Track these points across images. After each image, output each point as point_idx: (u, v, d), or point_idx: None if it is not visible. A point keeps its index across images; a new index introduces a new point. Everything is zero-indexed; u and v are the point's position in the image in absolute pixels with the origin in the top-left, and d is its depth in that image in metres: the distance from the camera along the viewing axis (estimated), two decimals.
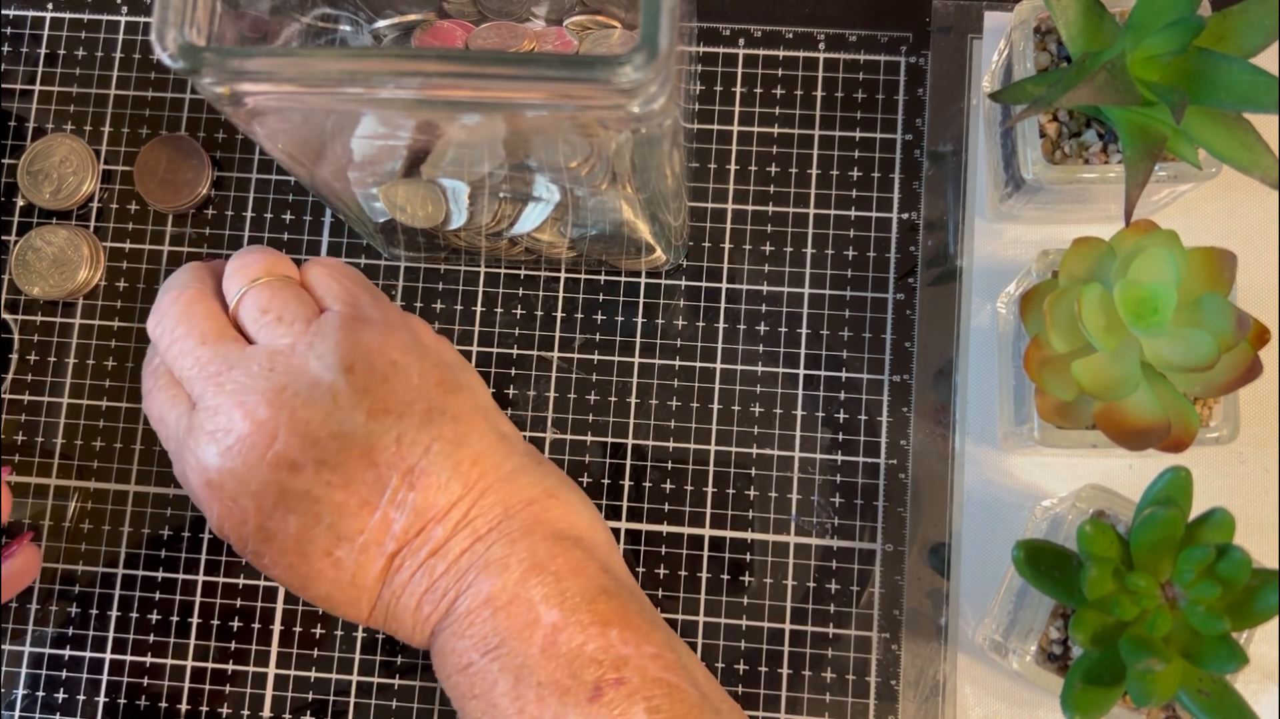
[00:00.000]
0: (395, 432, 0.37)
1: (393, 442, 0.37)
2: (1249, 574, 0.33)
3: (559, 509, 0.39)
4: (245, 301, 0.39)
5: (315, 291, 0.40)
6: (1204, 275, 0.36)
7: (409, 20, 0.43)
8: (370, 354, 0.37)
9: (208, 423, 0.37)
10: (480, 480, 0.38)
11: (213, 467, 0.36)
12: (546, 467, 0.40)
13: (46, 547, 0.46)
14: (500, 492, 0.38)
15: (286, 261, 0.41)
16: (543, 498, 0.39)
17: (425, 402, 0.38)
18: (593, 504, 0.40)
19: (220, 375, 0.37)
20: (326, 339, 0.37)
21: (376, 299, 0.40)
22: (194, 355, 0.38)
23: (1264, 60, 0.35)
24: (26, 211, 0.48)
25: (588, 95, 0.28)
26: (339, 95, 0.29)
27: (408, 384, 0.38)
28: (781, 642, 0.43)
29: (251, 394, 0.36)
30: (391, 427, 0.37)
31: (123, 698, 0.44)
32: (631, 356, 0.46)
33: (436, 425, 0.38)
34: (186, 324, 0.38)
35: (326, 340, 0.37)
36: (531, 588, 0.36)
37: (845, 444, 0.45)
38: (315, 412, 0.36)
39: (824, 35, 0.47)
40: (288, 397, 0.36)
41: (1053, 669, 0.38)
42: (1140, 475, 0.37)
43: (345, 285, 0.40)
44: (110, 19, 0.49)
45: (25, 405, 0.47)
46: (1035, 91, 0.38)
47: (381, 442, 0.37)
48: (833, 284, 0.46)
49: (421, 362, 0.38)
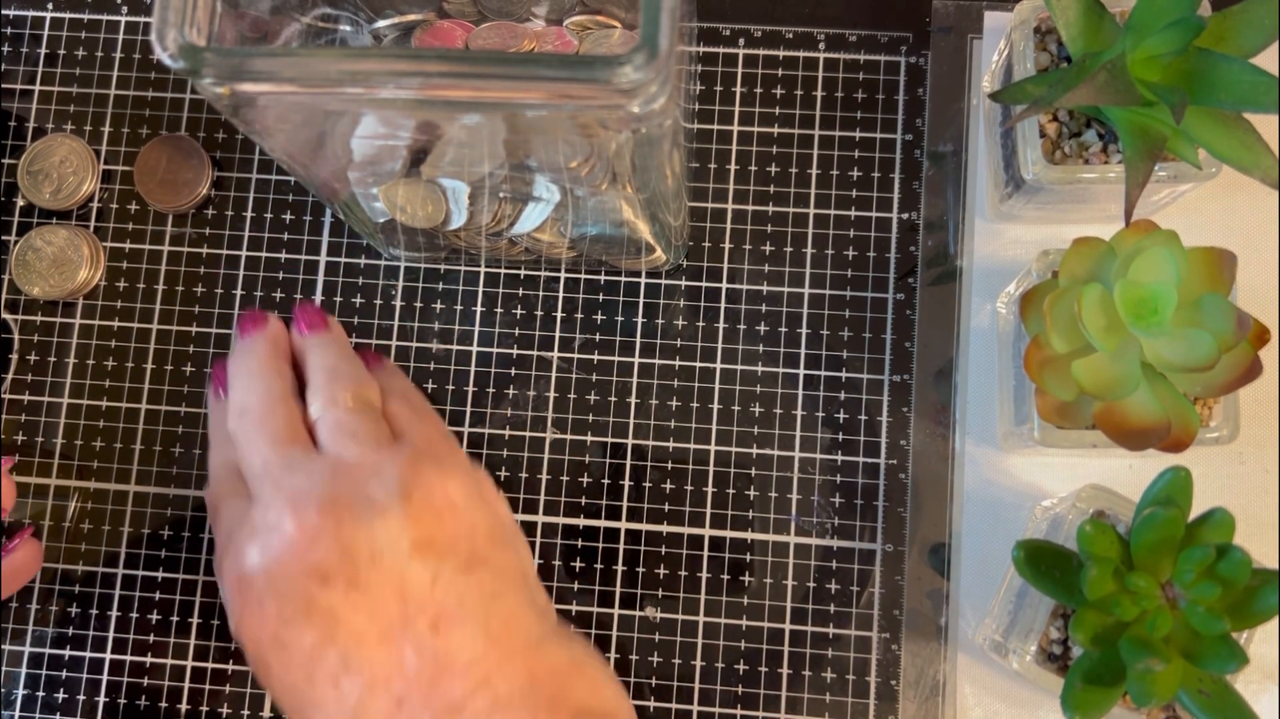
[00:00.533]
0: (434, 571, 0.36)
1: (429, 580, 0.36)
2: (1249, 574, 0.33)
3: (585, 685, 0.37)
4: (327, 419, 0.39)
5: (394, 423, 0.40)
6: (1204, 275, 0.36)
7: (409, 20, 0.43)
8: (431, 489, 0.37)
9: (258, 518, 0.36)
10: (509, 642, 0.36)
11: (250, 563, 0.36)
12: (576, 640, 0.39)
13: (46, 547, 0.46)
14: (527, 658, 0.36)
15: (370, 382, 0.40)
16: (570, 670, 0.37)
17: (471, 549, 0.37)
18: (618, 680, 0.39)
19: (282, 478, 0.37)
20: (393, 465, 0.37)
21: (449, 442, 0.40)
22: (263, 456, 0.38)
23: (1264, 60, 0.35)
24: (26, 211, 0.48)
25: (588, 95, 0.28)
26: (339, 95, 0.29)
27: (458, 527, 0.37)
28: (781, 642, 0.43)
29: (306, 498, 0.36)
30: (432, 565, 0.36)
31: (123, 698, 0.44)
32: (631, 356, 0.46)
33: (476, 576, 0.36)
34: (261, 425, 0.38)
35: (393, 466, 0.37)
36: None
37: (845, 444, 0.45)
38: (362, 529, 0.35)
39: (824, 35, 0.47)
40: (340, 508, 0.36)
41: (1053, 669, 0.38)
42: (1140, 475, 0.37)
43: (425, 424, 0.40)
44: (110, 19, 0.49)
45: (25, 405, 0.47)
46: (1035, 91, 0.38)
47: (418, 577, 0.36)
48: (833, 284, 0.46)
49: (478, 511, 0.38)
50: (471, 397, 0.46)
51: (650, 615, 0.44)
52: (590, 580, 0.44)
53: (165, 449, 0.46)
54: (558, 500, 0.45)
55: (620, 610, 0.44)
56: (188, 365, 0.47)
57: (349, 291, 0.47)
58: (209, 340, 0.47)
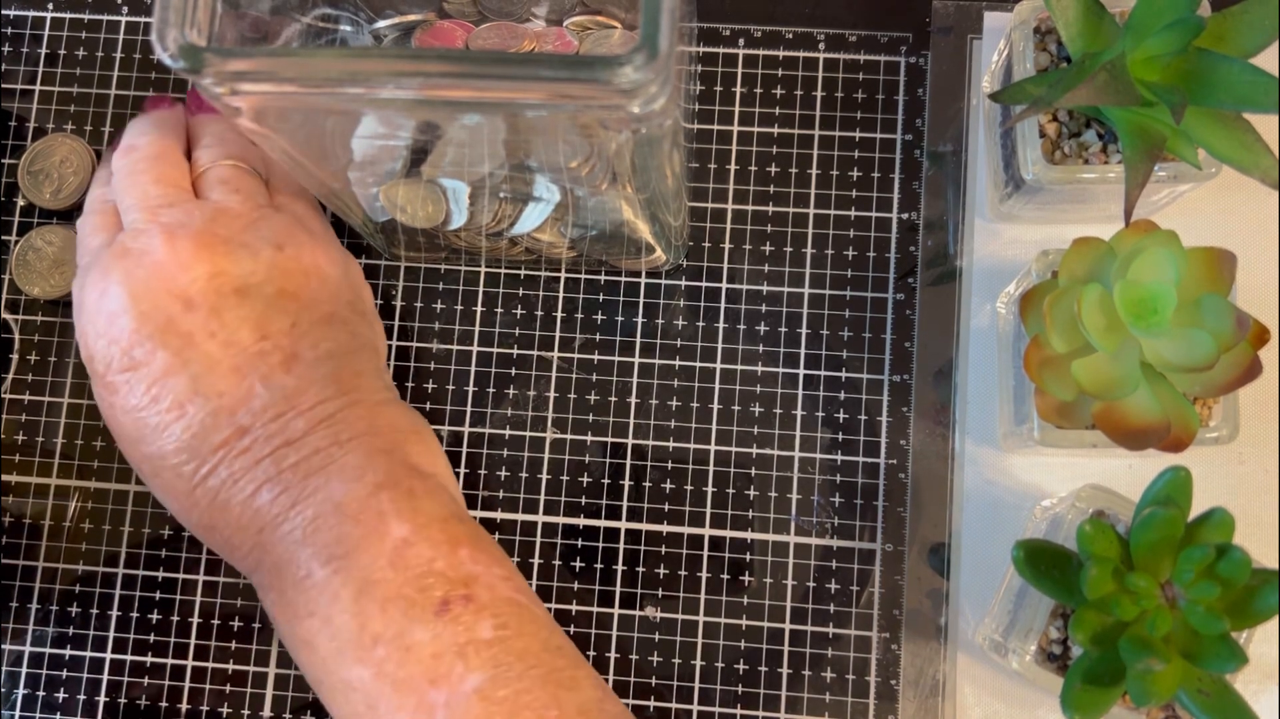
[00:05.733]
0: (294, 317, 0.37)
1: (289, 324, 0.37)
2: (1249, 574, 0.33)
3: (421, 447, 0.39)
4: (212, 172, 0.40)
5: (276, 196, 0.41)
6: (1204, 275, 0.36)
7: (409, 20, 0.43)
8: (302, 249, 0.39)
9: (129, 243, 0.37)
10: (356, 392, 0.38)
11: (113, 279, 0.37)
12: (418, 414, 0.41)
13: (46, 546, 0.46)
14: (371, 410, 0.38)
15: (259, 154, 0.42)
16: (409, 432, 0.39)
17: (333, 310, 0.39)
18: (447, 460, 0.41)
19: (160, 209, 0.38)
20: (272, 221, 0.39)
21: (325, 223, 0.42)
22: (143, 190, 0.39)
23: (1264, 60, 0.35)
24: (26, 211, 0.48)
25: (588, 95, 0.28)
26: (339, 95, 0.29)
27: (324, 286, 0.39)
28: (781, 642, 0.43)
29: (183, 230, 0.37)
30: (294, 311, 0.37)
31: (123, 698, 0.44)
32: (631, 356, 0.46)
33: (335, 330, 0.38)
34: (148, 164, 0.39)
35: (271, 221, 0.39)
36: (384, 501, 0.36)
37: (845, 444, 0.45)
38: (234, 264, 0.37)
39: (824, 35, 0.47)
40: (216, 243, 0.37)
41: (1052, 669, 0.38)
42: (1140, 475, 0.37)
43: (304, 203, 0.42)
44: (110, 19, 0.49)
45: (25, 405, 0.47)
46: (1035, 92, 0.38)
47: (278, 319, 0.37)
48: (833, 284, 0.46)
49: (343, 281, 0.40)
50: (471, 396, 0.46)
51: (650, 615, 0.44)
52: (590, 580, 0.44)
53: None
54: (558, 500, 0.45)
55: (620, 610, 0.44)
56: None
57: None
58: None
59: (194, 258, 0.37)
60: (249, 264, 0.37)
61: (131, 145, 0.40)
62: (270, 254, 0.38)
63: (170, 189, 0.39)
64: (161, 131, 0.41)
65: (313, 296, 0.38)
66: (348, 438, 0.37)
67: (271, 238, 0.38)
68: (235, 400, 0.36)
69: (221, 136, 0.41)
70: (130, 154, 0.40)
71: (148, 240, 0.37)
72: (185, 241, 0.37)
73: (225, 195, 0.39)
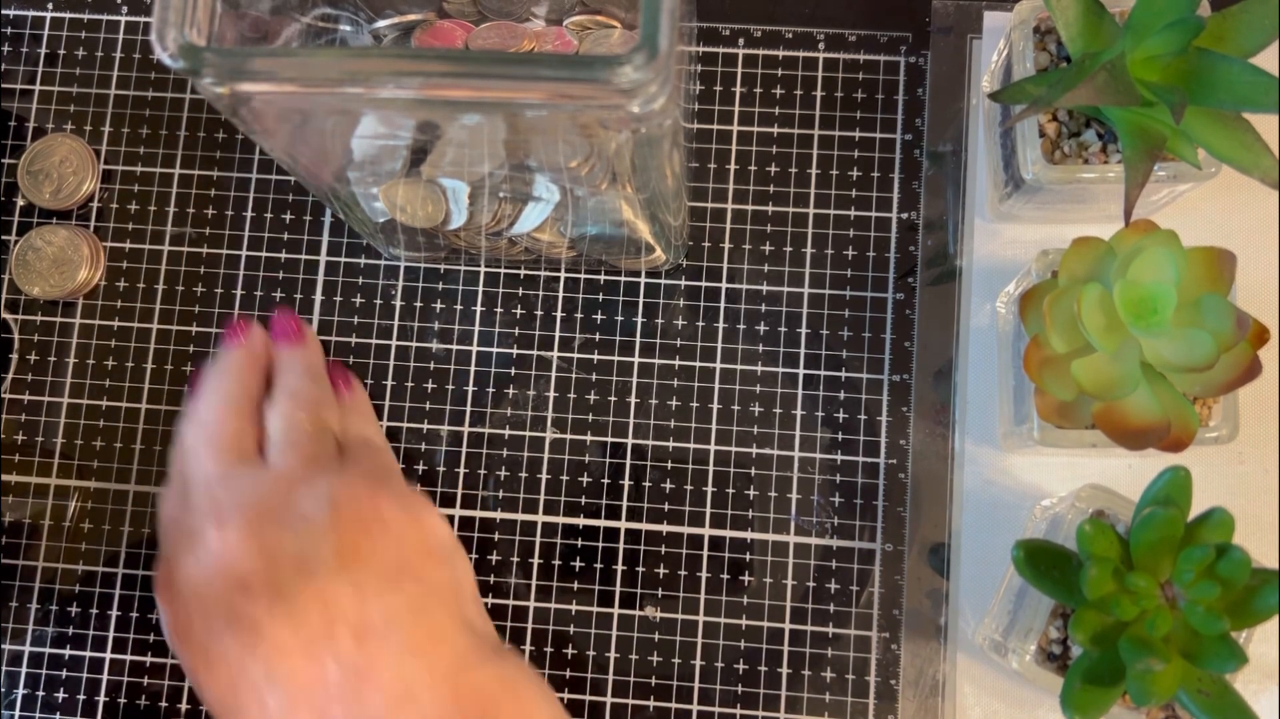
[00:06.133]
0: (358, 583, 0.35)
1: (353, 592, 0.35)
2: (1249, 574, 0.33)
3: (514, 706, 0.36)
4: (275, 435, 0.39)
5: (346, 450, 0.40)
6: (1204, 275, 0.36)
7: (409, 20, 0.43)
8: (360, 502, 0.37)
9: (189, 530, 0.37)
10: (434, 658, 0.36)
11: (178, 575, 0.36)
12: (511, 659, 0.38)
13: (46, 546, 0.46)
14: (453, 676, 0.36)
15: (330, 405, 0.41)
16: (499, 691, 0.36)
17: (399, 563, 0.36)
18: (555, 701, 0.38)
19: (216, 489, 0.37)
20: (326, 480, 0.37)
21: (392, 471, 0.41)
22: (204, 467, 0.38)
23: (1264, 60, 0.35)
24: (26, 211, 0.48)
25: (588, 95, 0.28)
26: (339, 95, 0.29)
27: (386, 540, 0.37)
28: (781, 641, 0.43)
29: (232, 510, 0.36)
30: (356, 576, 0.35)
31: (123, 698, 0.44)
32: (631, 356, 0.46)
33: (403, 589, 0.36)
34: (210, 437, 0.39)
35: (325, 481, 0.37)
36: None
37: (845, 444, 0.45)
38: (286, 539, 0.35)
39: (824, 35, 0.47)
40: (265, 519, 0.36)
41: (1052, 669, 0.38)
42: (1140, 475, 0.37)
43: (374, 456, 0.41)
44: (110, 19, 0.49)
45: (25, 405, 0.47)
46: (1035, 91, 0.38)
47: (342, 588, 0.35)
48: (832, 284, 0.46)
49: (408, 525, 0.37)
50: (471, 396, 0.46)
51: (650, 615, 0.44)
52: (590, 580, 0.44)
53: (165, 449, 0.46)
54: (558, 500, 0.45)
55: (620, 610, 0.44)
56: (188, 365, 0.47)
57: (349, 291, 0.47)
58: (209, 340, 0.47)
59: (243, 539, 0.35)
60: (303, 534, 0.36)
61: (199, 418, 0.40)
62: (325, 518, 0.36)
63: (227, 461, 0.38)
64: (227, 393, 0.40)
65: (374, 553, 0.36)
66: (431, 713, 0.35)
67: (327, 499, 0.36)
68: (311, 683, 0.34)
69: (294, 391, 0.41)
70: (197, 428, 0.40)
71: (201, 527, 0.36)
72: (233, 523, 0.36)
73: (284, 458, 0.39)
